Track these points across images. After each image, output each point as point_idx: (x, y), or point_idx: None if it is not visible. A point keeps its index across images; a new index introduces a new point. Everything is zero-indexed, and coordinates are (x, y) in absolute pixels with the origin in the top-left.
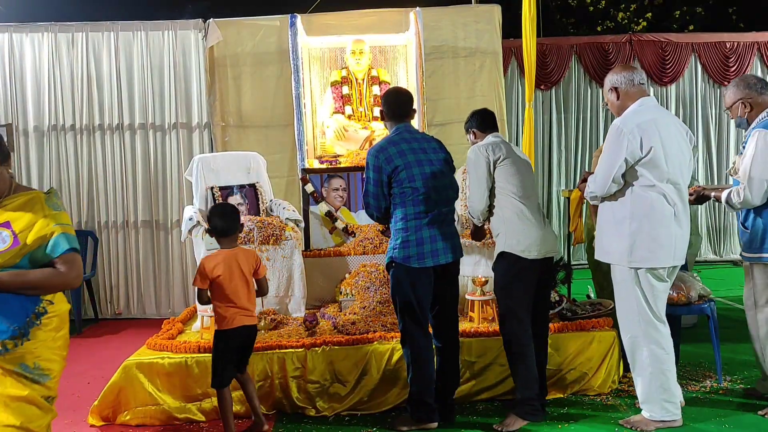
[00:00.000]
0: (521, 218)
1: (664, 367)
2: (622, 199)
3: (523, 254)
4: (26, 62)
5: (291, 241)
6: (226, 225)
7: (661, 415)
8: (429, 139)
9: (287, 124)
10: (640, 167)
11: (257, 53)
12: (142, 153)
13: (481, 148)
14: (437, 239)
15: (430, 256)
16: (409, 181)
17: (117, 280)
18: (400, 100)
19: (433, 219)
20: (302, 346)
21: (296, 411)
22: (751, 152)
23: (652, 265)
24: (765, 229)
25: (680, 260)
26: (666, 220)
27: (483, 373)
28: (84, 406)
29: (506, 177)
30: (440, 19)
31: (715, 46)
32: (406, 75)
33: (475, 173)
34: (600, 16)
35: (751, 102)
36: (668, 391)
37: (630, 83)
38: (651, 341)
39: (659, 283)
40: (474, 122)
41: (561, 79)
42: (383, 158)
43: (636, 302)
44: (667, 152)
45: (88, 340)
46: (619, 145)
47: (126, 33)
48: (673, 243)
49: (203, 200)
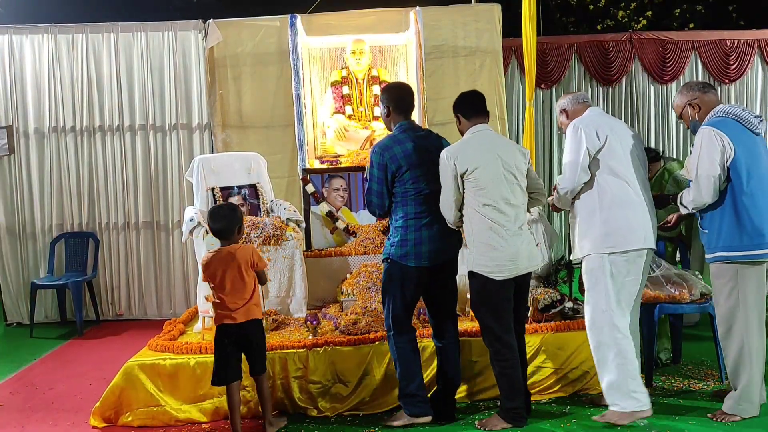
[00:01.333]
0: (490, 236)
1: (630, 357)
2: (589, 191)
3: (491, 275)
4: (26, 64)
5: (292, 242)
6: (220, 226)
7: (633, 406)
8: (432, 138)
9: (288, 125)
10: (600, 157)
11: (257, 54)
12: (142, 154)
13: (449, 157)
14: (436, 239)
15: (427, 255)
16: (412, 182)
17: (118, 281)
18: (403, 94)
19: (433, 219)
20: (304, 346)
21: (298, 411)
22: (697, 150)
23: (626, 248)
24: (719, 228)
25: (651, 244)
26: (633, 204)
27: (484, 372)
28: (86, 407)
29: (475, 190)
30: (440, 19)
31: (715, 44)
32: (406, 74)
33: (443, 182)
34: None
35: (698, 102)
36: (635, 381)
37: (576, 102)
38: (617, 332)
39: (629, 272)
40: (460, 106)
41: (561, 77)
42: (388, 157)
43: (604, 291)
44: (624, 145)
45: (89, 341)
46: (578, 140)
47: (126, 34)
48: (643, 226)
49: (204, 201)
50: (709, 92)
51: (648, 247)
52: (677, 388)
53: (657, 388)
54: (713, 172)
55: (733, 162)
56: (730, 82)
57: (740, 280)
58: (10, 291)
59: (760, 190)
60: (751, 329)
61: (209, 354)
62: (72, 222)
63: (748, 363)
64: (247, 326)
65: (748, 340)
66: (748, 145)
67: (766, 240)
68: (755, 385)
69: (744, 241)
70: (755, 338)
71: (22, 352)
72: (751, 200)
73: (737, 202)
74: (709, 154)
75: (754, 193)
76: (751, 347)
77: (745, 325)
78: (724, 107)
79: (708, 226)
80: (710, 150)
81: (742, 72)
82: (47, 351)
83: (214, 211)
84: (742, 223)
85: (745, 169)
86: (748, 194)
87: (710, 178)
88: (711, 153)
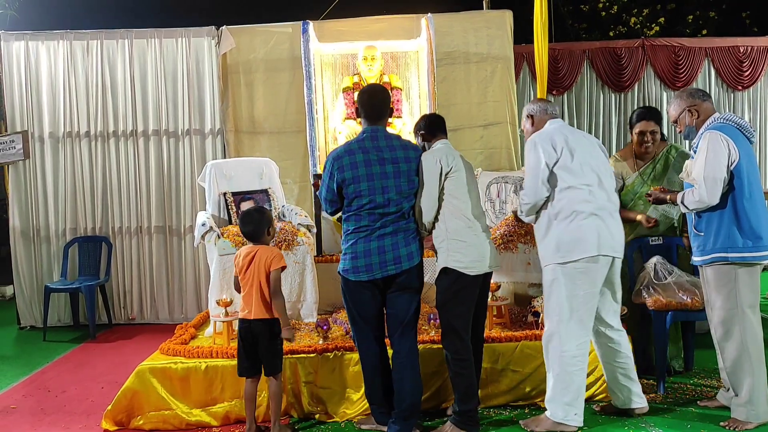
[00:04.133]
0: (465, 234)
1: (571, 369)
2: (547, 204)
3: (465, 271)
4: (42, 70)
5: (303, 247)
6: (249, 229)
7: (561, 417)
8: (396, 147)
9: (299, 130)
10: (557, 171)
11: (270, 60)
12: (155, 159)
13: (435, 157)
14: (386, 250)
15: (378, 267)
16: (356, 195)
17: (130, 285)
18: (373, 99)
19: (383, 232)
20: (314, 351)
21: (308, 416)
22: (703, 153)
23: (576, 257)
24: (718, 230)
25: (608, 251)
26: (585, 215)
27: (498, 378)
28: (98, 410)
29: (454, 190)
30: (452, 25)
31: (728, 51)
32: (417, 81)
33: (427, 182)
34: (612, 21)
35: (696, 109)
36: (571, 395)
37: (544, 112)
38: (564, 342)
39: (584, 281)
40: (423, 125)
41: (573, 84)
42: (336, 167)
43: (557, 300)
44: (578, 157)
45: (101, 345)
46: (536, 154)
47: (140, 40)
48: (595, 234)
49: (216, 206)
50: (707, 100)
51: (603, 254)
52: (689, 396)
53: (669, 396)
54: (720, 175)
55: (737, 166)
56: (744, 89)
57: (738, 282)
58: (24, 294)
59: (759, 196)
60: (749, 331)
61: (220, 358)
62: (85, 226)
63: (748, 366)
64: (255, 324)
65: (747, 343)
66: (748, 152)
67: (762, 243)
68: (762, 388)
69: (742, 243)
70: (754, 340)
71: (35, 356)
72: (752, 205)
73: (738, 205)
74: (716, 157)
75: (754, 197)
76: (750, 350)
77: (744, 327)
78: (724, 115)
79: (705, 228)
80: (717, 153)
81: (756, 79)
82: (60, 354)
83: (244, 215)
84: (741, 226)
85: (746, 174)
86: (749, 198)
87: (716, 181)
88: (718, 156)
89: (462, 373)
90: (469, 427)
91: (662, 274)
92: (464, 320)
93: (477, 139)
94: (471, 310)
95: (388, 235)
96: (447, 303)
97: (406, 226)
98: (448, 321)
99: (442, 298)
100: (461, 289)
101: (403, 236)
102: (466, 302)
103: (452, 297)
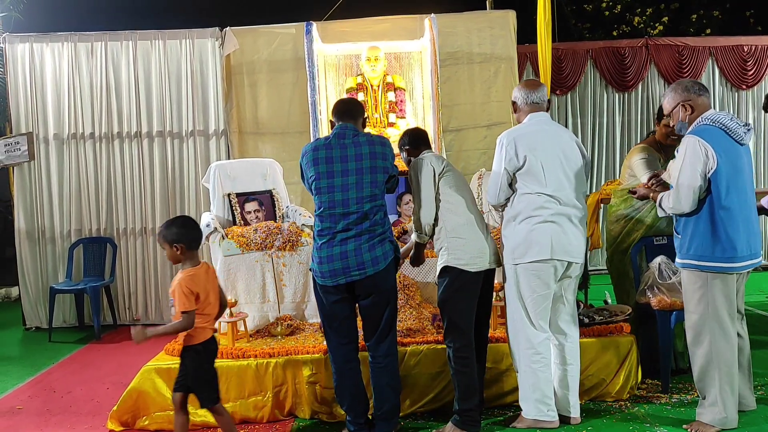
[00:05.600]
0: (464, 231)
1: (534, 367)
2: (509, 204)
3: (466, 268)
4: (46, 71)
5: (307, 247)
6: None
7: (534, 414)
8: (362, 143)
9: (303, 131)
10: (520, 175)
11: (273, 61)
12: (160, 160)
13: (425, 161)
14: (348, 256)
15: (341, 273)
16: (317, 193)
17: (135, 286)
18: (343, 103)
19: (345, 236)
20: (318, 351)
21: (312, 416)
22: (680, 159)
23: (528, 260)
24: (693, 236)
25: (562, 256)
26: (541, 219)
27: (502, 379)
28: (103, 411)
29: (448, 189)
30: (455, 26)
31: (732, 50)
32: (421, 81)
33: (422, 185)
34: (616, 20)
35: (691, 104)
36: (539, 391)
37: (525, 100)
38: (524, 341)
39: (538, 284)
40: (406, 140)
41: (577, 83)
42: (305, 162)
43: (513, 299)
44: (546, 161)
45: (106, 345)
46: (500, 158)
47: (144, 42)
48: (548, 239)
49: (220, 207)
50: (703, 95)
51: (556, 258)
52: (694, 395)
53: (674, 395)
54: (694, 183)
55: (714, 174)
56: (748, 88)
57: (710, 289)
58: (29, 295)
59: (739, 204)
60: (719, 338)
61: (224, 359)
62: (90, 227)
63: (716, 374)
64: None
65: (715, 352)
66: (731, 157)
67: (737, 254)
68: (729, 395)
69: (716, 253)
70: (724, 347)
71: (41, 356)
72: (728, 213)
73: (714, 213)
74: (692, 164)
75: (731, 206)
76: (719, 356)
77: (714, 333)
78: (713, 114)
79: (682, 231)
80: (693, 160)
81: (760, 78)
82: (65, 355)
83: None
84: (717, 235)
85: (725, 181)
86: (725, 208)
87: (691, 188)
88: (694, 163)
89: (463, 371)
90: (469, 426)
91: (667, 273)
92: (466, 317)
93: (480, 139)
94: (473, 307)
95: (351, 239)
96: (449, 300)
97: (370, 228)
98: (450, 318)
99: (444, 296)
100: (462, 285)
101: (367, 239)
102: (467, 299)
103: (453, 294)
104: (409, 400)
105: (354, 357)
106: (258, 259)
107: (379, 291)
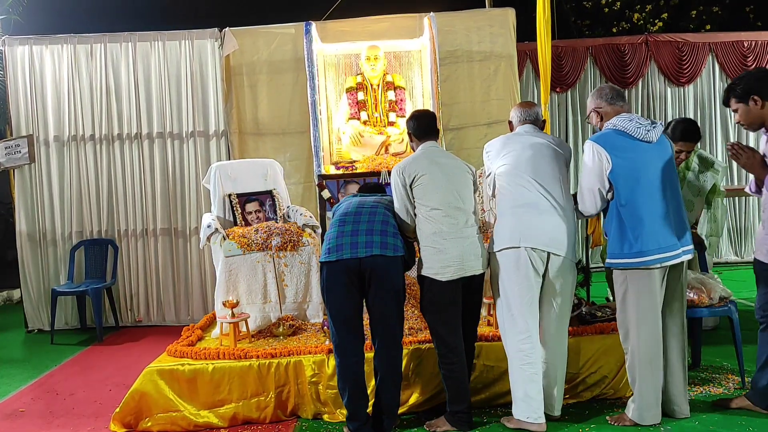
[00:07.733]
0: (436, 240)
1: (518, 364)
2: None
3: (436, 277)
4: (46, 73)
5: (308, 247)
6: None
7: (520, 415)
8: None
9: (303, 131)
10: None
11: (273, 61)
12: (160, 161)
13: (397, 169)
14: (359, 234)
15: (348, 248)
16: None
17: (137, 287)
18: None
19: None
20: (321, 351)
21: (314, 416)
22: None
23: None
24: (609, 235)
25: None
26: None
27: (501, 377)
28: (106, 413)
29: (422, 196)
30: (454, 24)
31: (732, 46)
32: (420, 80)
33: (397, 197)
34: (615, 17)
35: (601, 112)
36: (521, 389)
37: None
38: (510, 336)
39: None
40: (409, 127)
41: (577, 81)
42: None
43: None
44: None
45: (109, 347)
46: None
47: (143, 43)
48: (518, 226)
49: (221, 207)
50: (615, 103)
51: (526, 246)
52: (697, 393)
53: None
54: (592, 186)
55: (611, 174)
56: None
57: (630, 286)
58: (31, 298)
59: (644, 200)
60: (641, 335)
61: (227, 360)
62: (91, 229)
63: (638, 371)
64: None
65: (637, 345)
66: (631, 157)
67: (644, 248)
68: (650, 392)
69: (624, 250)
70: (644, 343)
71: (43, 358)
72: (629, 211)
73: (619, 212)
74: (587, 169)
75: (634, 203)
76: (642, 354)
77: (635, 329)
78: (616, 119)
79: (606, 232)
80: (588, 165)
81: None
82: (67, 357)
83: None
84: (623, 232)
85: (623, 180)
86: (624, 205)
87: (590, 191)
88: (588, 168)
89: (450, 376)
90: (460, 425)
91: None
92: (447, 325)
93: (481, 137)
94: (455, 314)
95: (364, 222)
96: (426, 308)
97: (384, 218)
98: (431, 326)
99: (422, 305)
100: (435, 295)
101: (380, 227)
102: (445, 308)
103: (429, 304)
104: (408, 398)
105: (361, 362)
106: (259, 259)
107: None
